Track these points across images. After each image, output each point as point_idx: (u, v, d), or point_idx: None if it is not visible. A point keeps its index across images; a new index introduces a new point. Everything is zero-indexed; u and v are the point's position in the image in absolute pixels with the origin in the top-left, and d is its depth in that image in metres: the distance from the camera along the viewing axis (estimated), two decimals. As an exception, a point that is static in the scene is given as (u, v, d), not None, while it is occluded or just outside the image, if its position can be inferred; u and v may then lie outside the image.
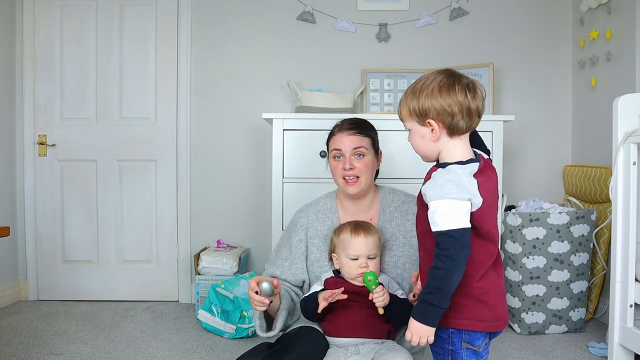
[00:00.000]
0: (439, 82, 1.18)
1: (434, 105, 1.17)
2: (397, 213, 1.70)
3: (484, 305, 1.20)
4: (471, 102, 1.17)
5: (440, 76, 1.20)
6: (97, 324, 2.68)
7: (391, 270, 1.63)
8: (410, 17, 3.09)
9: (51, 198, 3.13)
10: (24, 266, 3.15)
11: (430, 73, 1.23)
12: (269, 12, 3.11)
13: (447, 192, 1.13)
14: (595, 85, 2.80)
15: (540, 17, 3.08)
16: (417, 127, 1.23)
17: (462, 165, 1.19)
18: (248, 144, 3.14)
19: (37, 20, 3.10)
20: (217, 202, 3.15)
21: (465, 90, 1.18)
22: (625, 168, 1.89)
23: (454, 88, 1.17)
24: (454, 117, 1.17)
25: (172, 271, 3.15)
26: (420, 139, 1.24)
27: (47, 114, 3.12)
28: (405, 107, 1.24)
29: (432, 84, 1.19)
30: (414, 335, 1.16)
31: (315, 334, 1.50)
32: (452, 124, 1.18)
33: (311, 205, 1.80)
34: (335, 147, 1.70)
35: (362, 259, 1.52)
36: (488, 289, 1.20)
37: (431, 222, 1.15)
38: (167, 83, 3.12)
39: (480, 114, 1.20)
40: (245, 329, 2.45)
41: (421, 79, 1.23)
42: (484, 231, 1.18)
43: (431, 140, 1.22)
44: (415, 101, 1.20)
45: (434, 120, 1.19)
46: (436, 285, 1.13)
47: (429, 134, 1.21)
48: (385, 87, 3.03)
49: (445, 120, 1.18)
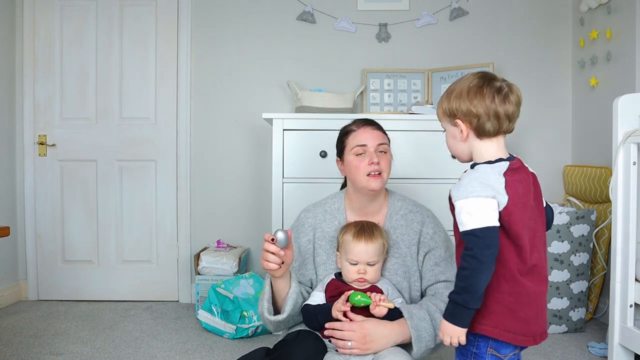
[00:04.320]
0: (469, 84, 1.20)
1: (461, 106, 1.19)
2: (402, 221, 1.67)
3: (512, 316, 1.16)
4: (499, 106, 1.18)
5: (473, 78, 1.21)
6: (97, 324, 2.68)
7: (391, 277, 1.61)
8: (410, 17, 3.09)
9: (51, 198, 3.13)
10: (24, 266, 3.15)
11: (468, 74, 1.25)
12: (269, 12, 3.11)
13: (471, 190, 1.13)
14: (595, 85, 2.80)
15: (540, 17, 3.08)
16: (449, 127, 1.26)
17: (489, 164, 1.19)
18: (248, 144, 3.14)
19: (37, 20, 3.10)
20: (217, 202, 3.15)
21: (494, 94, 1.18)
22: (625, 168, 1.89)
23: (482, 91, 1.18)
24: (480, 119, 1.18)
25: (172, 271, 3.15)
26: (452, 139, 1.26)
27: (47, 114, 3.12)
28: (440, 107, 1.26)
29: (463, 85, 1.21)
30: (444, 335, 1.15)
31: (312, 338, 1.48)
32: (479, 126, 1.19)
33: (318, 205, 1.76)
34: (358, 143, 1.64)
35: (361, 266, 1.50)
36: (519, 298, 1.16)
37: (458, 222, 1.15)
38: (167, 83, 3.12)
39: (512, 117, 1.20)
40: (245, 329, 2.45)
41: (458, 80, 1.25)
42: (513, 233, 1.15)
43: (460, 140, 1.23)
44: (447, 102, 1.23)
45: (461, 120, 1.20)
46: (462, 285, 1.12)
47: (458, 134, 1.23)
48: (385, 87, 3.03)
49: (472, 122, 1.19)
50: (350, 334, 1.44)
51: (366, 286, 1.53)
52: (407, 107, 2.96)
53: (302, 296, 1.58)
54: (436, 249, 1.64)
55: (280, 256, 1.46)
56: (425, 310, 1.49)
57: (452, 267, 1.63)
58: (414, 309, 1.49)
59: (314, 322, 1.53)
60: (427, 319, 1.48)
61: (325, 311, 1.49)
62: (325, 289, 1.57)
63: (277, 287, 1.55)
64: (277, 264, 1.46)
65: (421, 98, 3.02)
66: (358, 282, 1.52)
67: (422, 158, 2.45)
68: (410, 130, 2.45)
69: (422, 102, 2.82)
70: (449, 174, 2.44)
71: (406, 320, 1.46)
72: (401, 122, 2.46)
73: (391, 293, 1.55)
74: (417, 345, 1.45)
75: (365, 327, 1.44)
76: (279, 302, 1.57)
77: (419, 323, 1.46)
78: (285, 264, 1.49)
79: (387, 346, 1.46)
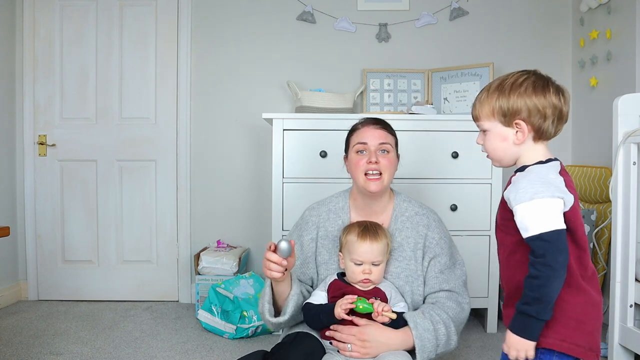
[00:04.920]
0: (533, 82, 1.11)
1: (527, 104, 1.10)
2: (408, 223, 1.65)
3: (580, 328, 1.07)
4: (563, 105, 1.12)
5: (532, 76, 1.13)
6: (97, 324, 2.68)
7: (394, 280, 1.60)
8: (410, 17, 3.09)
9: (51, 198, 3.13)
10: (24, 266, 3.15)
11: (513, 73, 1.15)
12: (269, 12, 3.11)
13: (534, 191, 1.05)
14: (595, 85, 2.80)
15: (540, 17, 3.08)
16: (499, 127, 1.14)
17: (543, 164, 1.11)
18: (248, 144, 3.14)
19: (37, 20, 3.10)
20: (217, 202, 3.15)
21: (558, 92, 1.12)
22: (625, 168, 1.89)
23: (548, 89, 1.11)
24: (546, 119, 1.10)
25: (172, 271, 3.15)
26: (501, 141, 1.14)
27: (47, 114, 3.12)
28: (488, 106, 1.14)
29: (525, 82, 1.12)
30: (511, 349, 1.07)
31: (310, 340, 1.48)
32: (542, 127, 1.11)
33: (322, 203, 1.75)
34: (359, 140, 1.63)
35: (366, 266, 1.50)
36: (585, 309, 1.08)
37: (521, 228, 1.06)
38: (167, 83, 3.12)
39: (566, 120, 1.15)
40: (245, 329, 2.45)
41: (505, 77, 1.15)
42: (578, 235, 1.07)
43: (513, 143, 1.13)
44: (505, 99, 1.12)
45: (523, 121, 1.11)
46: (533, 296, 1.03)
47: (513, 136, 1.13)
48: (385, 87, 3.03)
49: (535, 123, 1.11)
50: (349, 338, 1.44)
51: (370, 287, 1.52)
52: (407, 107, 2.96)
53: (302, 296, 1.58)
54: (441, 255, 1.63)
55: (283, 265, 1.45)
56: (429, 320, 1.49)
57: (454, 275, 1.63)
58: (418, 318, 1.48)
59: (316, 322, 1.52)
60: (430, 329, 1.47)
61: (329, 311, 1.49)
62: (328, 289, 1.56)
63: (277, 290, 1.55)
64: (280, 272, 1.45)
65: (421, 98, 3.02)
66: (362, 283, 1.51)
67: (422, 158, 2.45)
68: (410, 130, 2.45)
69: (422, 102, 2.82)
70: (449, 174, 2.44)
71: (411, 329, 1.46)
72: (401, 122, 2.46)
73: (394, 296, 1.54)
74: (420, 355, 1.46)
75: (365, 332, 1.44)
76: (280, 302, 1.57)
77: (424, 333, 1.46)
78: (287, 270, 1.49)
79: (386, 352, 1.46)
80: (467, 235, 2.46)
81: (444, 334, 1.49)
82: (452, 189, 2.45)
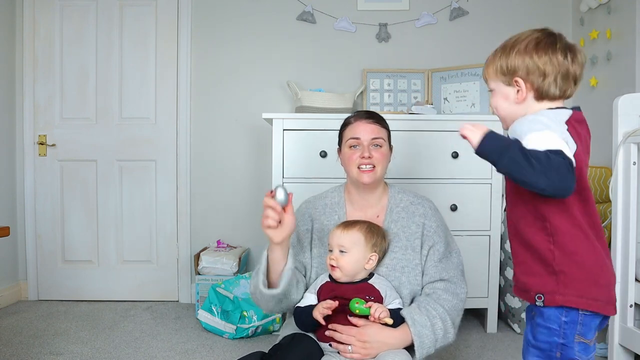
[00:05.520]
0: (536, 39, 1.08)
1: (526, 62, 1.07)
2: (403, 213, 1.67)
3: (596, 281, 1.05)
4: (570, 64, 1.07)
5: (538, 33, 1.10)
6: (97, 324, 2.68)
7: (390, 272, 1.60)
8: (410, 17, 3.09)
9: (51, 198, 3.13)
10: (24, 266, 3.15)
11: (527, 31, 1.12)
12: (269, 12, 3.11)
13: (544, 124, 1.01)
14: (595, 85, 2.80)
15: (540, 17, 3.07)
16: (502, 86, 1.13)
17: (549, 110, 1.07)
18: (248, 144, 3.14)
19: (37, 20, 3.10)
20: (217, 202, 3.15)
21: (566, 51, 1.07)
22: (625, 168, 1.89)
23: (554, 46, 1.07)
24: (546, 77, 1.06)
25: (172, 271, 3.15)
26: (503, 100, 1.13)
27: (47, 114, 3.12)
28: (492, 65, 1.14)
29: (528, 39, 1.09)
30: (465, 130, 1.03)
31: (308, 342, 1.47)
32: (542, 86, 1.07)
33: (319, 198, 1.77)
34: (352, 135, 1.65)
35: (335, 252, 1.50)
36: (598, 261, 1.06)
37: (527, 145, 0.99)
38: (167, 83, 3.12)
39: (577, 80, 1.10)
40: (245, 329, 2.45)
41: (515, 35, 1.13)
42: (582, 186, 1.04)
43: (515, 102, 1.11)
44: (505, 58, 1.11)
45: (522, 79, 1.09)
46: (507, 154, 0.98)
47: (514, 95, 1.11)
48: (385, 87, 3.03)
49: (534, 81, 1.08)
50: (349, 339, 1.44)
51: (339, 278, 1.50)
52: (407, 107, 2.96)
53: (296, 277, 1.57)
54: (439, 243, 1.64)
55: (278, 212, 1.45)
56: (425, 316, 1.49)
57: (452, 263, 1.64)
58: (415, 315, 1.49)
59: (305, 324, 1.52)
60: (428, 325, 1.48)
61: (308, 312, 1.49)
62: (319, 291, 1.55)
63: (273, 257, 1.53)
64: (274, 220, 1.45)
65: (421, 98, 3.02)
66: (331, 270, 1.51)
67: (422, 158, 2.45)
68: (410, 130, 2.45)
69: (422, 102, 2.82)
70: (449, 174, 2.44)
71: (409, 327, 1.46)
72: (401, 122, 2.46)
73: (389, 294, 1.54)
74: (419, 351, 1.46)
75: (365, 333, 1.44)
76: (274, 277, 1.55)
77: (422, 330, 1.47)
78: (283, 227, 1.47)
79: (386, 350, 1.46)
80: (467, 235, 2.46)
81: (441, 328, 1.50)
82: (452, 189, 2.45)
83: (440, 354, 2.23)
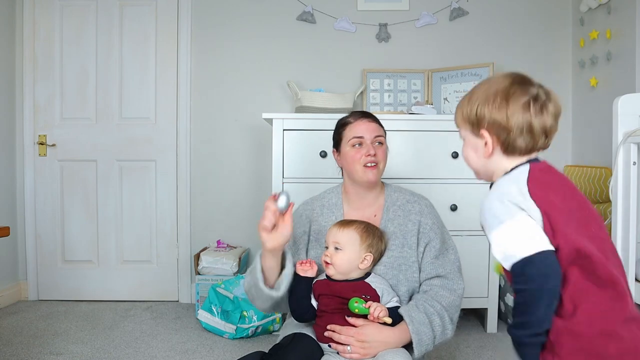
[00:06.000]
0: (497, 87, 0.99)
1: (487, 114, 0.98)
2: (400, 212, 1.68)
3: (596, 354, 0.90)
4: (534, 117, 0.96)
5: (504, 80, 1.00)
6: (97, 324, 2.68)
7: (387, 271, 1.60)
8: (410, 17, 3.09)
9: (51, 198, 3.13)
10: (24, 266, 3.15)
11: (498, 74, 1.04)
12: (269, 12, 3.11)
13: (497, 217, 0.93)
14: (595, 85, 2.80)
15: (540, 17, 3.08)
16: (470, 137, 1.04)
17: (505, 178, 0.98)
18: (248, 144, 3.14)
19: (37, 20, 3.10)
20: (217, 202, 3.15)
21: (530, 102, 0.97)
22: (625, 168, 1.89)
23: (516, 98, 0.97)
24: (510, 133, 0.97)
25: (172, 271, 3.15)
26: (473, 152, 1.05)
27: (47, 114, 3.12)
28: (459, 112, 1.05)
29: (492, 88, 1.00)
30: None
31: (308, 341, 1.48)
32: (507, 141, 0.98)
33: (316, 199, 1.78)
34: (355, 134, 1.67)
35: (330, 249, 1.51)
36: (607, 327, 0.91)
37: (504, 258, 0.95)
38: (167, 83, 3.12)
39: (549, 133, 0.99)
40: (245, 329, 2.45)
41: (485, 80, 1.06)
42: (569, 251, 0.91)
43: (483, 156, 1.02)
44: (468, 106, 1.02)
45: (487, 132, 1.00)
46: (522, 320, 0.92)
47: (482, 148, 1.01)
48: (385, 87, 3.03)
49: (500, 135, 0.98)
50: (348, 339, 1.44)
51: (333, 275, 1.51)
52: (407, 107, 2.96)
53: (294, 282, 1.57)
54: (435, 240, 1.65)
55: (276, 216, 1.47)
56: (423, 313, 1.50)
57: (448, 260, 1.65)
58: (413, 312, 1.49)
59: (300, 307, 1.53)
60: (426, 322, 1.48)
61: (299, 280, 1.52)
62: (314, 286, 1.55)
63: (265, 265, 1.53)
64: (270, 222, 1.46)
65: (421, 98, 3.02)
66: (325, 266, 1.51)
67: (421, 158, 2.45)
68: (410, 130, 2.45)
69: (422, 102, 2.82)
70: (449, 174, 2.44)
71: (407, 324, 1.47)
72: (401, 122, 2.46)
73: (387, 293, 1.54)
74: (418, 349, 1.47)
75: (364, 333, 1.44)
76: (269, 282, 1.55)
77: (420, 327, 1.47)
78: (277, 233, 1.48)
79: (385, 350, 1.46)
80: (467, 235, 2.46)
81: (439, 324, 1.51)
82: (452, 189, 2.45)
83: (440, 354, 2.23)
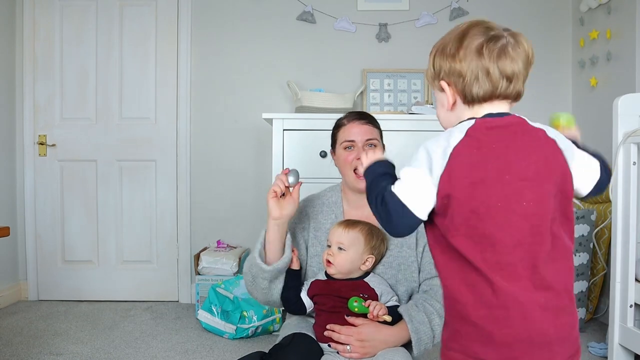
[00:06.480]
0: (453, 36, 0.92)
1: (444, 64, 0.92)
2: None
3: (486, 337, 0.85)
4: (489, 60, 0.88)
5: (461, 27, 0.93)
6: (97, 324, 2.68)
7: (386, 271, 1.60)
8: (410, 17, 3.09)
9: (51, 198, 3.13)
10: (24, 266, 3.15)
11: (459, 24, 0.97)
12: (269, 12, 3.11)
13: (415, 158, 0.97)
14: (595, 85, 2.80)
15: (540, 17, 3.08)
16: (437, 94, 0.98)
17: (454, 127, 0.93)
18: (248, 144, 3.14)
19: (37, 20, 3.10)
20: (217, 202, 3.15)
21: (484, 45, 0.88)
22: (625, 168, 1.89)
23: (469, 42, 0.89)
24: (464, 78, 0.90)
25: (172, 271, 3.15)
26: (440, 107, 0.99)
27: (47, 114, 3.12)
28: (427, 70, 1.00)
29: (447, 37, 0.94)
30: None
31: (308, 341, 1.48)
32: (464, 89, 0.90)
33: (317, 197, 1.78)
34: (346, 138, 1.66)
35: (333, 247, 1.51)
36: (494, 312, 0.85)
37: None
38: (167, 83, 3.12)
39: (512, 77, 0.90)
40: (245, 329, 2.45)
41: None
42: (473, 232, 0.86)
43: (448, 109, 0.96)
44: (429, 61, 0.97)
45: (445, 82, 0.93)
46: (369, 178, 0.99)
47: (445, 101, 0.95)
48: (385, 87, 3.03)
49: (457, 84, 0.91)
50: (348, 339, 1.44)
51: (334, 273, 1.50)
52: (407, 107, 2.96)
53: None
54: None
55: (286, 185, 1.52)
56: (423, 312, 1.50)
57: None
58: (413, 311, 1.49)
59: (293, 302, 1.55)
60: (425, 321, 1.49)
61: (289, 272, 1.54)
62: (311, 284, 1.55)
63: (269, 237, 1.56)
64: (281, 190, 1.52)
65: (421, 98, 3.02)
66: (327, 266, 1.51)
67: (422, 158, 2.45)
68: (410, 130, 2.45)
69: (422, 102, 2.82)
70: (449, 174, 2.44)
71: (407, 323, 1.47)
72: (401, 122, 2.46)
73: (386, 293, 1.54)
74: (417, 348, 1.47)
75: (363, 332, 1.45)
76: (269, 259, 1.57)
77: (419, 326, 1.47)
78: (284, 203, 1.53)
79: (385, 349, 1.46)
80: (467, 235, 2.45)
81: (439, 324, 1.51)
82: (452, 189, 2.45)
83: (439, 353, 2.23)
